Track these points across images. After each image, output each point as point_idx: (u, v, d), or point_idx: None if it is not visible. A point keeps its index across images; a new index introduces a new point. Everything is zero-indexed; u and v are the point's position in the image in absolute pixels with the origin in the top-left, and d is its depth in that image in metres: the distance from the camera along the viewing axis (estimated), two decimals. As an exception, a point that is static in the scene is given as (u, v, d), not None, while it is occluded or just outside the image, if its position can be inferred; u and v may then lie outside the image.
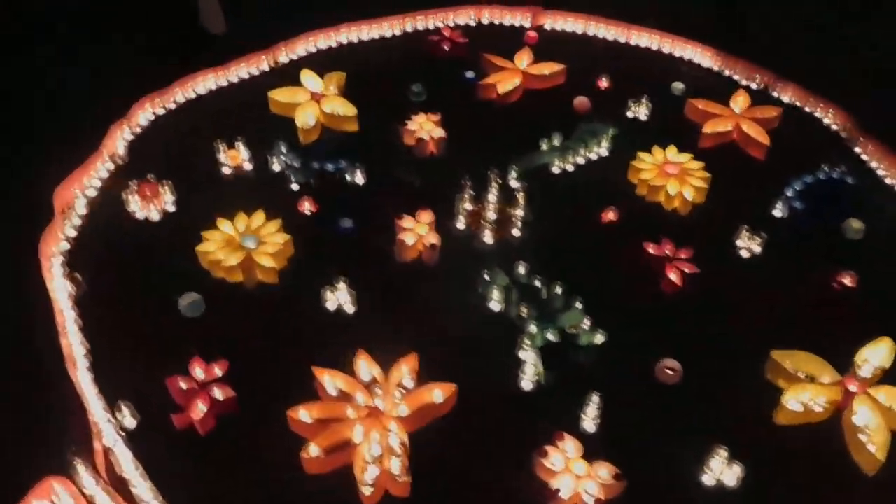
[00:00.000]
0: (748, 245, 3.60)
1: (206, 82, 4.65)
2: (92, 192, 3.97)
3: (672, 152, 4.01)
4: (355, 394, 2.98)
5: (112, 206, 3.88)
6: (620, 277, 3.51)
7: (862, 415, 2.91)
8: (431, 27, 5.12)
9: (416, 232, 3.64)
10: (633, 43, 4.99)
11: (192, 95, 4.60)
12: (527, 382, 3.10)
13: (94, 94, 4.42)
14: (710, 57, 4.76)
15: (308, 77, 4.56)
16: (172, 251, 3.63)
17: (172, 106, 4.52)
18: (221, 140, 4.13)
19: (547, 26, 5.11)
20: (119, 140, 4.21)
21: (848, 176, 3.89)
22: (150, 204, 3.84)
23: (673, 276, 3.42)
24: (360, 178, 4.01)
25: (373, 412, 2.94)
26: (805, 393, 2.97)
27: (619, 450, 2.84)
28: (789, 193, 3.82)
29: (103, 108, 4.30)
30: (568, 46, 4.91)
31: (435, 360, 3.12)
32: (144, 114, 4.42)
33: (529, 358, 3.13)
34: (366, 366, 3.07)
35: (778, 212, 3.78)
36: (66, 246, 3.67)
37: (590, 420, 2.94)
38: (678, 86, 4.54)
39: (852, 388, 2.98)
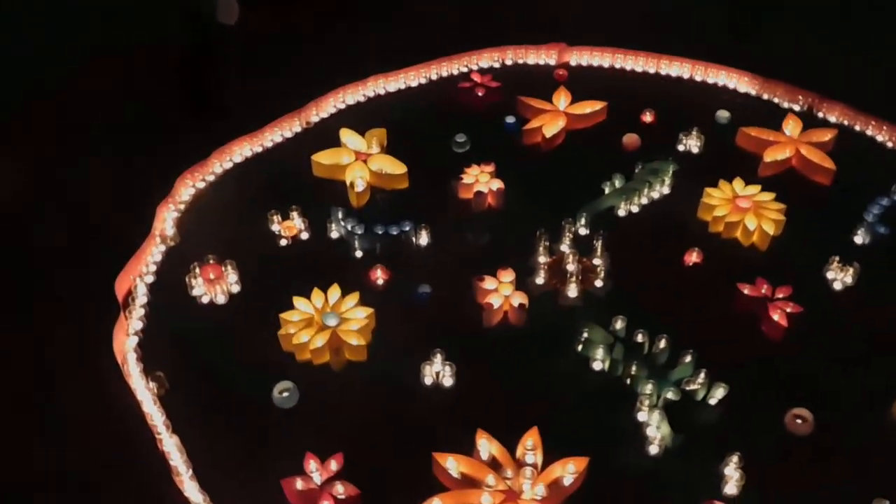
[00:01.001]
0: (839, 277, 3.48)
1: (241, 150, 4.42)
2: (150, 279, 3.71)
3: (739, 185, 3.89)
4: (485, 477, 2.77)
5: (174, 292, 3.62)
6: (720, 323, 3.36)
7: None
8: (456, 73, 4.97)
9: (501, 293, 3.46)
10: (663, 73, 4.89)
11: (230, 165, 4.37)
12: (654, 447, 2.93)
13: (136, 174, 4.15)
14: (748, 81, 4.68)
15: (348, 136, 4.36)
16: (249, 336, 3.40)
17: (212, 178, 4.28)
18: (273, 211, 3.92)
19: (573, 62, 5.00)
20: (167, 220, 3.96)
21: (921, 197, 3.82)
22: (215, 286, 3.60)
23: (776, 317, 3.28)
24: (424, 239, 3.82)
25: (509, 495, 2.73)
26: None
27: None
28: (869, 218, 3.72)
29: (144, 188, 4.06)
30: (599, 82, 4.78)
31: (550, 430, 2.94)
32: (187, 189, 4.18)
33: (653, 420, 2.96)
34: (487, 445, 2.86)
35: (860, 238, 3.68)
36: (135, 340, 3.40)
37: (732, 483, 2.77)
38: (723, 114, 4.44)
39: None
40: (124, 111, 4.55)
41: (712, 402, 3.03)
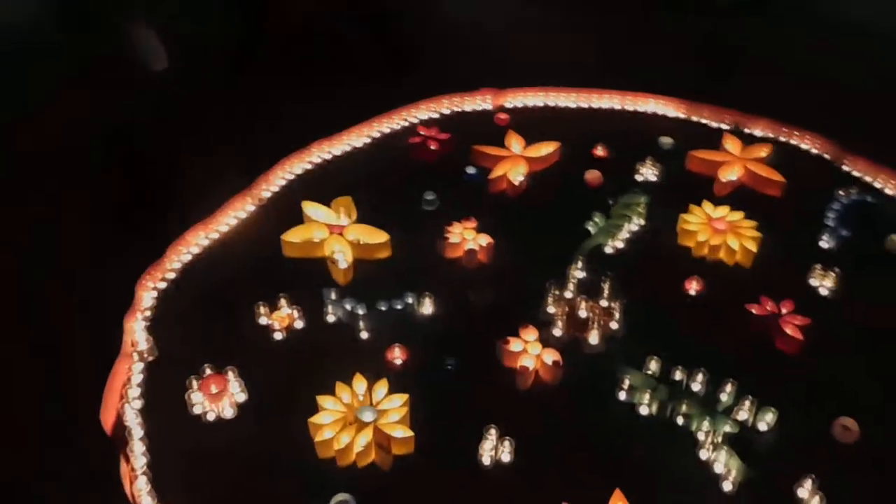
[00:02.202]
0: (823, 283, 3.62)
1: (197, 239, 4.00)
2: (138, 404, 3.24)
3: (710, 208, 3.98)
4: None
5: (172, 414, 3.18)
6: (740, 346, 3.39)
7: None
8: (398, 127, 4.80)
9: (531, 353, 3.32)
10: (595, 106, 4.96)
11: (189, 257, 3.94)
12: (727, 483, 2.89)
13: (88, 287, 3.64)
14: (675, 106, 4.83)
15: (312, 209, 4.06)
16: (275, 449, 3.04)
17: (173, 275, 3.83)
18: (261, 302, 3.56)
19: (507, 104, 4.96)
20: (138, 332, 3.49)
21: (864, 195, 4.06)
22: (221, 400, 3.19)
23: (790, 331, 3.36)
24: (428, 308, 3.60)
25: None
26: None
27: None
28: (830, 224, 3.91)
29: (100, 301, 3.58)
30: (538, 122, 4.77)
31: (624, 487, 2.83)
32: (149, 293, 3.72)
33: (720, 458, 2.93)
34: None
35: (825, 244, 3.85)
36: (145, 482, 2.94)
37: (813, 505, 2.79)
38: (666, 140, 4.54)
39: None
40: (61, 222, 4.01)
41: (762, 426, 3.04)
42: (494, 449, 2.99)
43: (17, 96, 4.50)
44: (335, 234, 3.90)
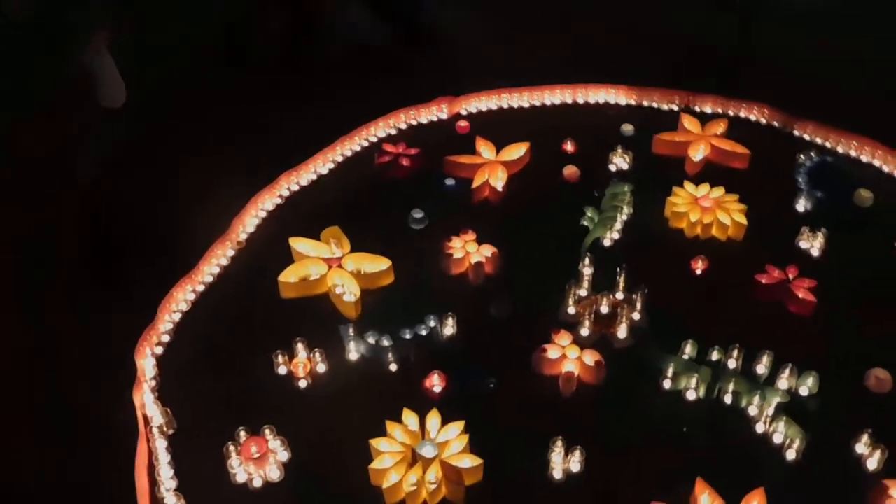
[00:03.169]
0: (814, 244, 3.72)
1: (185, 295, 3.66)
2: (172, 484, 2.91)
3: (692, 188, 4.02)
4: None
5: (213, 487, 2.88)
6: (759, 316, 3.43)
7: None
8: (359, 148, 4.59)
9: (570, 357, 3.22)
10: (548, 103, 4.92)
11: (179, 315, 3.59)
12: (791, 453, 2.90)
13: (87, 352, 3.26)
14: (625, 93, 4.86)
15: (301, 244, 3.81)
16: (339, 504, 2.81)
17: (168, 338, 3.48)
18: (278, 351, 3.29)
19: (463, 111, 4.85)
20: (149, 405, 3.14)
21: (824, 156, 4.22)
22: (265, 463, 2.92)
23: (801, 294, 3.42)
24: (450, 329, 3.44)
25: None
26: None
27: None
28: (802, 187, 4.04)
29: (98, 373, 3.22)
30: (499, 125, 4.68)
31: (702, 477, 2.80)
32: (148, 360, 3.36)
33: (780, 429, 2.94)
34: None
35: (801, 206, 3.97)
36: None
37: (874, 459, 2.84)
38: (627, 127, 4.55)
39: None
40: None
41: (805, 391, 3.08)
42: (563, 461, 2.88)
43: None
44: (334, 267, 3.66)
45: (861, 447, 2.86)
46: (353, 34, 5.45)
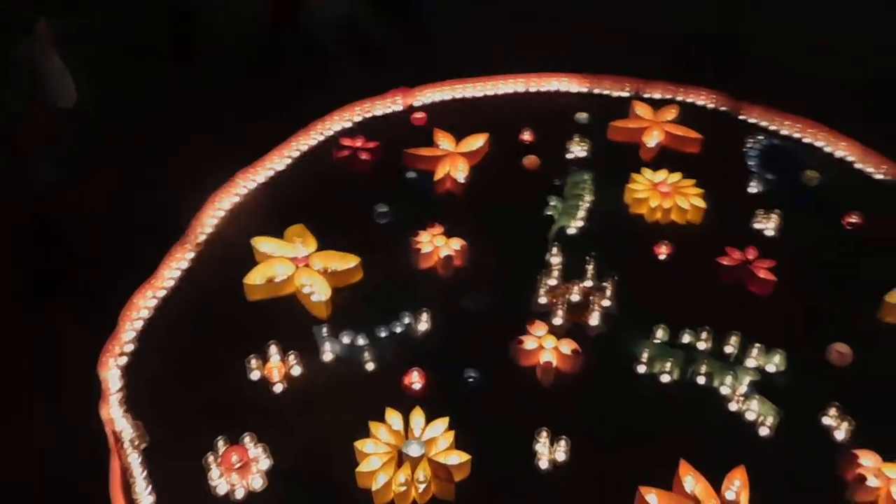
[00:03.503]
0: (767, 225, 3.83)
1: (146, 302, 3.50)
2: (150, 500, 2.78)
3: (649, 174, 4.07)
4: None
5: (194, 501, 2.77)
6: (724, 298, 3.50)
7: None
8: (315, 143, 4.48)
9: (546, 347, 3.23)
10: (500, 93, 4.90)
11: (141, 323, 3.43)
12: (763, 429, 2.99)
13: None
14: (577, 81, 4.88)
15: (265, 244, 3.70)
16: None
17: (132, 346, 3.33)
18: (251, 355, 3.18)
19: (417, 103, 4.78)
20: (118, 420, 3.00)
21: (771, 139, 4.33)
22: (247, 472, 2.82)
23: (762, 275, 3.51)
24: (424, 324, 3.40)
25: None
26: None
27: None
28: (754, 170, 4.14)
29: (63, 383, 3.05)
30: (454, 115, 4.64)
31: (678, 457, 2.85)
32: (113, 372, 3.20)
33: (753, 406, 3.02)
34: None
35: (754, 188, 4.07)
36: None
37: (842, 430, 2.94)
38: (581, 115, 4.58)
39: None
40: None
41: (772, 368, 3.17)
42: (549, 451, 2.88)
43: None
44: (301, 266, 3.56)
45: (829, 419, 2.96)
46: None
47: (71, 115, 3.42)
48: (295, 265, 3.56)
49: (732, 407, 3.05)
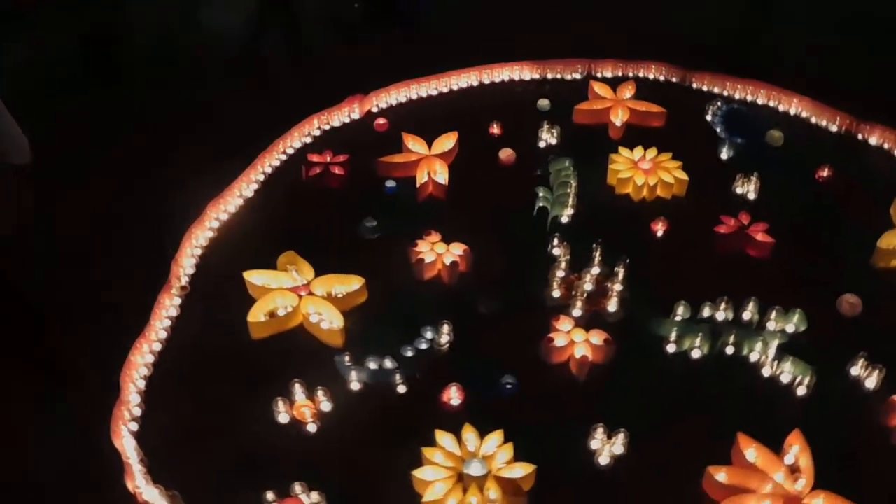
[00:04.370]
0: (749, 188, 3.88)
1: (143, 357, 3.18)
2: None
3: (627, 153, 4.05)
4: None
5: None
6: (727, 266, 3.52)
7: None
8: (278, 162, 4.21)
9: (576, 340, 3.14)
10: (455, 88, 4.77)
11: (144, 382, 3.11)
12: (801, 389, 3.01)
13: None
14: (529, 69, 4.80)
15: (257, 276, 3.44)
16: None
17: (140, 411, 3.01)
18: (277, 398, 2.94)
19: (374, 109, 4.59)
20: (147, 490, 2.70)
21: (729, 103, 4.40)
22: (304, 526, 2.60)
23: (760, 238, 3.56)
24: (447, 336, 3.24)
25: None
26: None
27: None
28: (722, 136, 4.19)
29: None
30: (414, 115, 4.49)
31: (724, 431, 2.84)
32: (127, 440, 2.88)
33: (787, 368, 3.05)
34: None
35: (725, 154, 4.13)
36: None
37: (873, 379, 3.01)
38: (543, 102, 4.51)
39: None
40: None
41: (791, 329, 3.21)
42: (605, 446, 2.81)
43: None
44: (303, 295, 3.33)
45: (857, 370, 3.03)
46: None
47: (22, 169, 3.04)
48: (297, 295, 3.33)
49: (766, 372, 3.06)
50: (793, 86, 4.40)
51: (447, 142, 4.17)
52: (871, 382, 2.99)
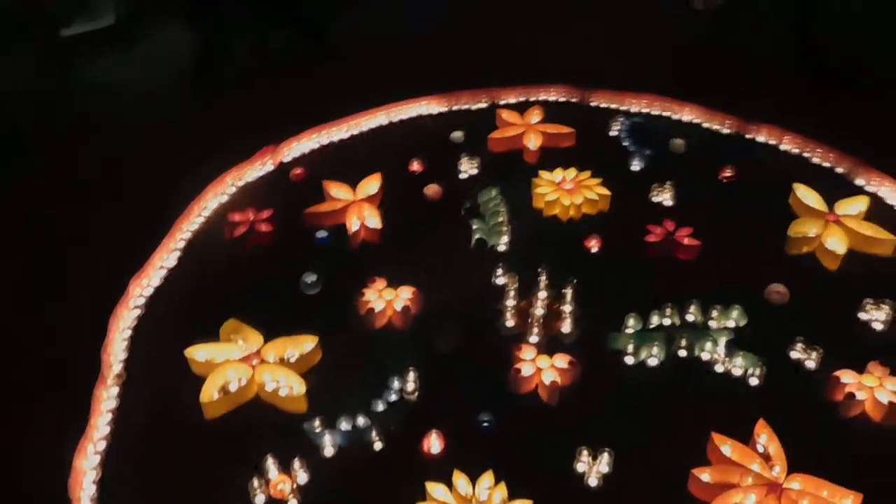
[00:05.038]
0: (665, 196, 4.08)
1: (89, 462, 2.90)
2: None
3: (548, 175, 4.16)
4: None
5: None
6: (661, 273, 3.66)
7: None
8: (198, 226, 4.02)
9: (544, 367, 3.17)
10: (366, 129, 4.73)
11: (94, 490, 2.84)
12: (753, 379, 3.17)
13: None
14: (436, 103, 4.85)
15: (201, 351, 3.25)
16: None
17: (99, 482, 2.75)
18: (253, 482, 2.77)
19: (287, 159, 4.48)
20: None
21: (631, 118, 4.62)
22: None
23: (687, 242, 3.74)
24: (411, 384, 3.18)
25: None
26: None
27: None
28: (631, 150, 4.39)
29: None
30: (330, 163, 4.42)
31: (694, 433, 2.96)
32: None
33: (738, 362, 3.20)
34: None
35: (636, 166, 4.33)
36: None
37: (812, 359, 3.22)
38: (456, 135, 4.57)
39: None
40: None
41: (732, 324, 3.39)
42: (592, 467, 2.85)
43: None
44: (256, 364, 3.18)
45: (797, 353, 3.24)
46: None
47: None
48: (248, 365, 3.16)
49: (719, 369, 3.21)
50: (685, 96, 4.67)
51: (372, 184, 4.12)
52: (811, 363, 3.20)
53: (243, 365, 3.15)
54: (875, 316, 3.40)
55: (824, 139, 4.33)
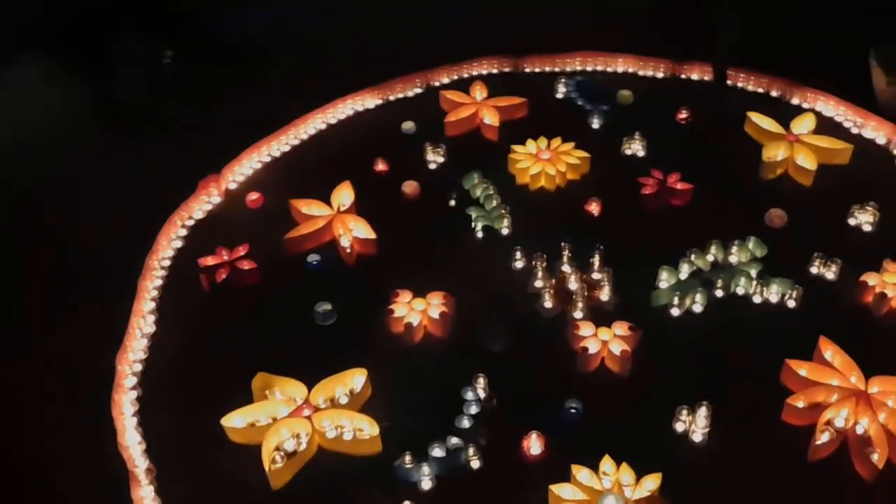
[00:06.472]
0: (636, 148, 4.15)
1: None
2: None
3: (522, 149, 4.07)
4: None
5: None
6: (664, 222, 3.72)
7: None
8: (161, 281, 3.59)
9: (609, 339, 3.12)
10: (306, 137, 4.41)
11: None
12: (791, 302, 3.31)
13: None
14: (370, 96, 4.60)
15: (237, 417, 2.93)
16: None
17: None
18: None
19: (232, 185, 4.10)
20: None
21: (575, 76, 4.64)
22: None
23: (680, 186, 3.84)
24: (484, 389, 3.02)
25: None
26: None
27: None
28: (587, 108, 4.41)
29: None
30: (284, 182, 4.09)
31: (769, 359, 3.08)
32: None
33: (773, 289, 3.33)
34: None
35: (596, 123, 4.36)
36: None
37: (831, 272, 3.43)
38: (408, 125, 4.38)
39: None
40: None
41: (756, 255, 3.51)
42: (692, 425, 2.87)
43: None
44: (310, 414, 2.89)
45: (816, 269, 3.43)
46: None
47: None
48: (301, 417, 2.87)
49: (756, 300, 3.34)
50: (613, 47, 4.75)
51: (344, 193, 3.86)
52: (831, 275, 3.40)
53: (296, 419, 2.85)
54: (863, 219, 3.67)
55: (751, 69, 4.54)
